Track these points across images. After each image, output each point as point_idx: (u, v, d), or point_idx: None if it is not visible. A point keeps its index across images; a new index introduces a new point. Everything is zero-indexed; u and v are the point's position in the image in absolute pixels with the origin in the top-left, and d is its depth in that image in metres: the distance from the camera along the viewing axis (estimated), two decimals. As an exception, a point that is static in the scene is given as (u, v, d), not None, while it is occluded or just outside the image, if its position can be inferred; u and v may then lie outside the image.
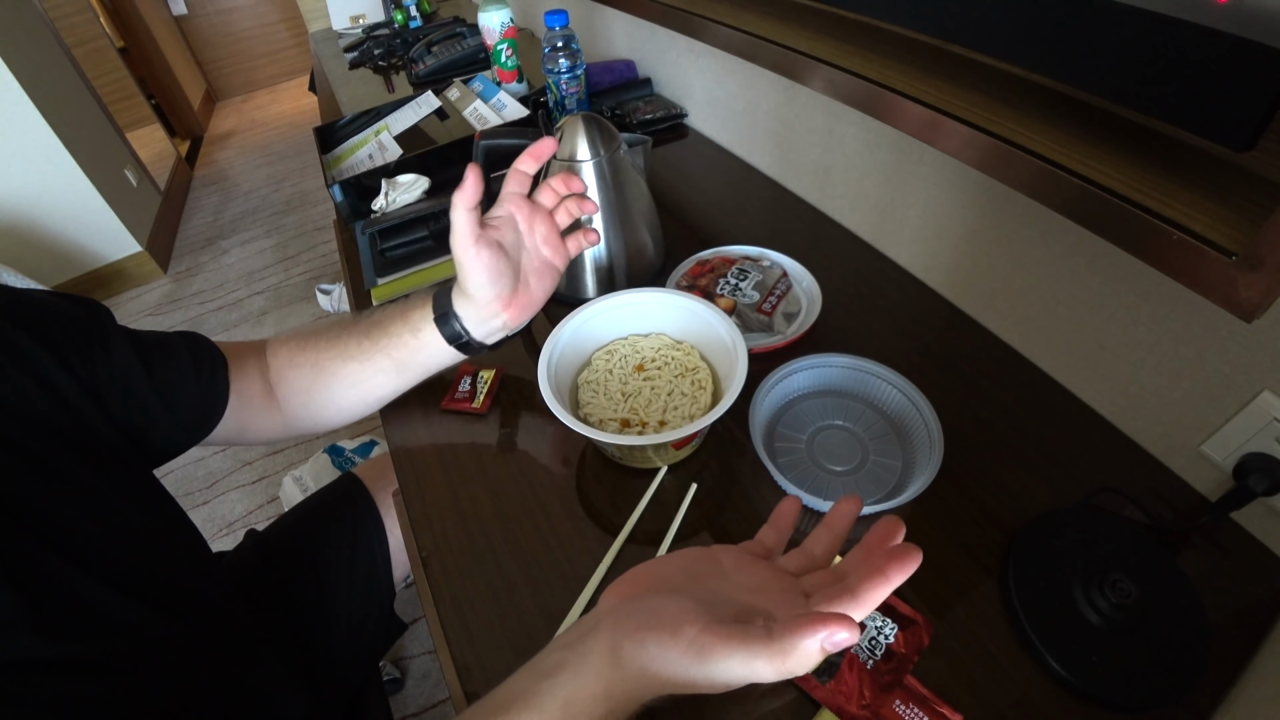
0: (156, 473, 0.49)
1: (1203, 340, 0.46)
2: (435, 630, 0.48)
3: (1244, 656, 0.41)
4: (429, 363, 0.55)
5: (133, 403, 0.45)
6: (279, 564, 0.66)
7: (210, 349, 0.52)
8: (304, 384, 0.55)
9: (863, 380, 0.57)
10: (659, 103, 1.09)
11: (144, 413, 0.46)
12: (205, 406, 0.50)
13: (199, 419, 0.51)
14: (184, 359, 0.49)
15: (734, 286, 0.66)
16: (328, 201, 2.17)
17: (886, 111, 0.52)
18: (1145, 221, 0.35)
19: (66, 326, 0.43)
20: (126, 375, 0.45)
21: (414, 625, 1.17)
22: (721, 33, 0.70)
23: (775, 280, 0.68)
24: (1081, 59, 0.36)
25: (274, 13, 3.99)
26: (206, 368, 0.50)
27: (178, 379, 0.48)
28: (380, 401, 0.58)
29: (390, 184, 0.90)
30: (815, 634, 0.25)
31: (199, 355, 0.51)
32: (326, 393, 0.55)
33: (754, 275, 0.67)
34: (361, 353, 0.54)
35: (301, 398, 0.55)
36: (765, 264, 0.70)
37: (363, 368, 0.54)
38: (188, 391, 0.49)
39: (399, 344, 0.53)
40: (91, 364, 0.43)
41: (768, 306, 0.65)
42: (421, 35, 1.54)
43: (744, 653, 0.26)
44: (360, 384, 0.55)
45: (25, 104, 1.91)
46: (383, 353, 0.53)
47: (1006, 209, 0.58)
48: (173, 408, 0.48)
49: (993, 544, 0.47)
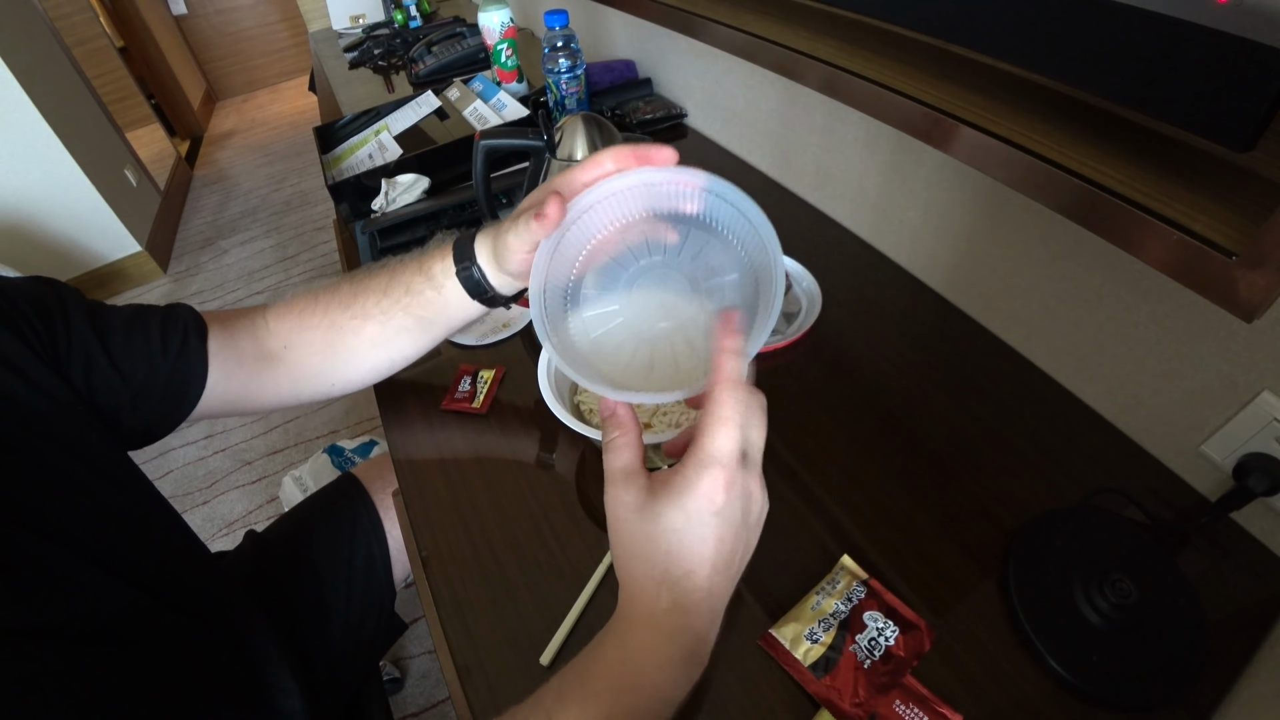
0: (156, 472, 0.49)
1: (1203, 340, 0.46)
2: (435, 630, 0.48)
3: (1244, 656, 0.41)
4: (454, 318, 0.51)
5: (95, 378, 0.44)
6: (278, 564, 0.66)
7: (185, 319, 0.49)
8: (319, 346, 0.52)
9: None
10: (659, 103, 1.09)
11: (109, 389, 0.44)
12: (179, 378, 0.47)
13: (173, 392, 0.48)
14: (151, 330, 0.47)
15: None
16: (328, 201, 2.18)
17: (886, 111, 0.52)
18: (1145, 221, 0.35)
19: (24, 306, 0.42)
20: (86, 351, 0.44)
21: (414, 625, 1.17)
22: (721, 33, 0.70)
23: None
24: (1082, 59, 0.36)
25: (274, 13, 3.99)
26: (176, 338, 0.47)
27: (141, 352, 0.46)
28: (406, 360, 0.55)
29: (390, 184, 0.90)
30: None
31: (169, 326, 0.48)
32: (347, 353, 0.52)
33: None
34: (380, 312, 0.50)
35: (317, 360, 0.52)
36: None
37: (383, 328, 0.51)
38: (155, 364, 0.46)
39: (421, 301, 0.50)
40: (53, 343, 0.42)
41: None
42: (421, 35, 1.54)
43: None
44: (383, 344, 0.52)
45: (25, 104, 1.91)
46: (403, 310, 0.50)
47: (1006, 209, 0.58)
48: (136, 381, 0.45)
49: (993, 544, 0.47)
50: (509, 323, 0.70)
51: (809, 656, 0.41)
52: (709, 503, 0.31)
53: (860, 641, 0.42)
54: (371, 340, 0.51)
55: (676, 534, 0.32)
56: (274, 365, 0.52)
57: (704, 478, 0.31)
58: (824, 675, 0.40)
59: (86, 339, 0.43)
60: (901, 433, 0.56)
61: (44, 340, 0.41)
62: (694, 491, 0.31)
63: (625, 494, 0.33)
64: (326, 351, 0.52)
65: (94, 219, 2.19)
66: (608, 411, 0.35)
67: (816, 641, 0.42)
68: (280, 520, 0.74)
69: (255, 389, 0.52)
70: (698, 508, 0.31)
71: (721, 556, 0.32)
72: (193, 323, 0.49)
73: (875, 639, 0.42)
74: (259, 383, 0.52)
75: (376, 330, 0.51)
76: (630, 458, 0.34)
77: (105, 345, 0.44)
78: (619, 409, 0.34)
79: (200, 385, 0.49)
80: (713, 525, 0.32)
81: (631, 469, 0.33)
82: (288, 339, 0.52)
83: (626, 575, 0.34)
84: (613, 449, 0.34)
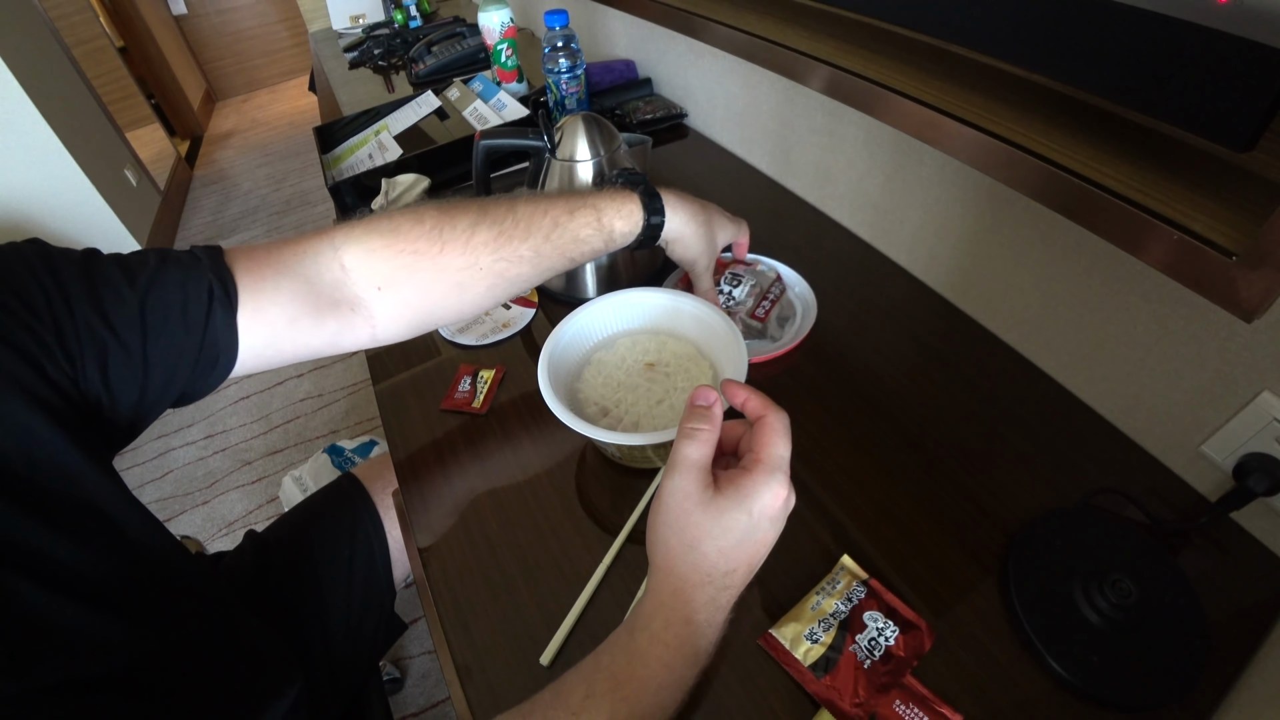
0: (156, 472, 0.49)
1: (1203, 340, 0.46)
2: (435, 630, 0.48)
3: (1244, 656, 0.41)
4: (587, 258, 0.53)
5: (112, 373, 0.37)
6: (278, 565, 0.66)
7: (210, 283, 0.40)
8: (445, 287, 0.47)
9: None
10: (659, 103, 1.09)
11: (126, 382, 0.38)
12: (209, 353, 0.40)
13: (204, 366, 0.41)
14: (171, 305, 0.39)
15: (727, 294, 0.66)
16: (328, 201, 2.17)
17: (886, 111, 0.52)
18: (1145, 222, 0.35)
19: (14, 305, 0.34)
20: (98, 343, 0.37)
21: (414, 625, 1.17)
22: (721, 33, 0.70)
23: (769, 285, 0.67)
24: (1081, 59, 0.36)
25: (274, 13, 3.99)
26: (199, 311, 0.39)
27: (159, 332, 0.38)
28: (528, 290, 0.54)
29: (390, 184, 0.90)
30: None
31: (191, 295, 0.39)
32: (474, 292, 0.48)
33: (748, 280, 0.67)
34: (541, 258, 0.49)
35: (431, 302, 0.47)
36: (759, 269, 0.70)
37: (536, 270, 0.49)
38: (178, 344, 0.39)
39: (587, 250, 0.51)
40: (60, 338, 0.35)
41: (760, 312, 0.65)
42: (421, 35, 1.54)
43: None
44: (517, 281, 0.50)
45: (25, 104, 1.91)
46: (564, 257, 0.50)
47: (1007, 209, 0.58)
48: (157, 368, 0.39)
49: (993, 544, 0.47)
50: (509, 323, 0.70)
51: (809, 656, 0.41)
52: (770, 509, 0.34)
53: (860, 641, 0.42)
54: (516, 279, 0.49)
55: (735, 534, 0.33)
56: (357, 311, 0.45)
57: (772, 484, 0.33)
58: (824, 675, 0.40)
59: (95, 328, 0.36)
60: (902, 433, 0.56)
61: (49, 349, 0.35)
62: (760, 496, 0.33)
63: (690, 484, 0.34)
64: (450, 293, 0.47)
65: (94, 219, 2.19)
66: (705, 401, 0.36)
67: (816, 641, 0.42)
68: (280, 520, 0.74)
69: (315, 340, 0.44)
70: (761, 511, 0.33)
71: (757, 559, 0.35)
72: (219, 290, 0.40)
73: (875, 639, 0.42)
74: (322, 332, 0.44)
75: (528, 271, 0.49)
76: (707, 452, 0.35)
77: (117, 333, 0.37)
78: (716, 407, 0.36)
79: (230, 361, 0.42)
80: (766, 530, 0.34)
81: (704, 463, 0.35)
82: (385, 279, 0.45)
83: (671, 564, 0.35)
84: (692, 438, 0.35)
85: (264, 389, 1.85)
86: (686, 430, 0.35)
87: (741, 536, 0.34)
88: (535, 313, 0.71)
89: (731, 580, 0.34)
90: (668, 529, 0.35)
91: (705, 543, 0.34)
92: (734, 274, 0.67)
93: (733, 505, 0.33)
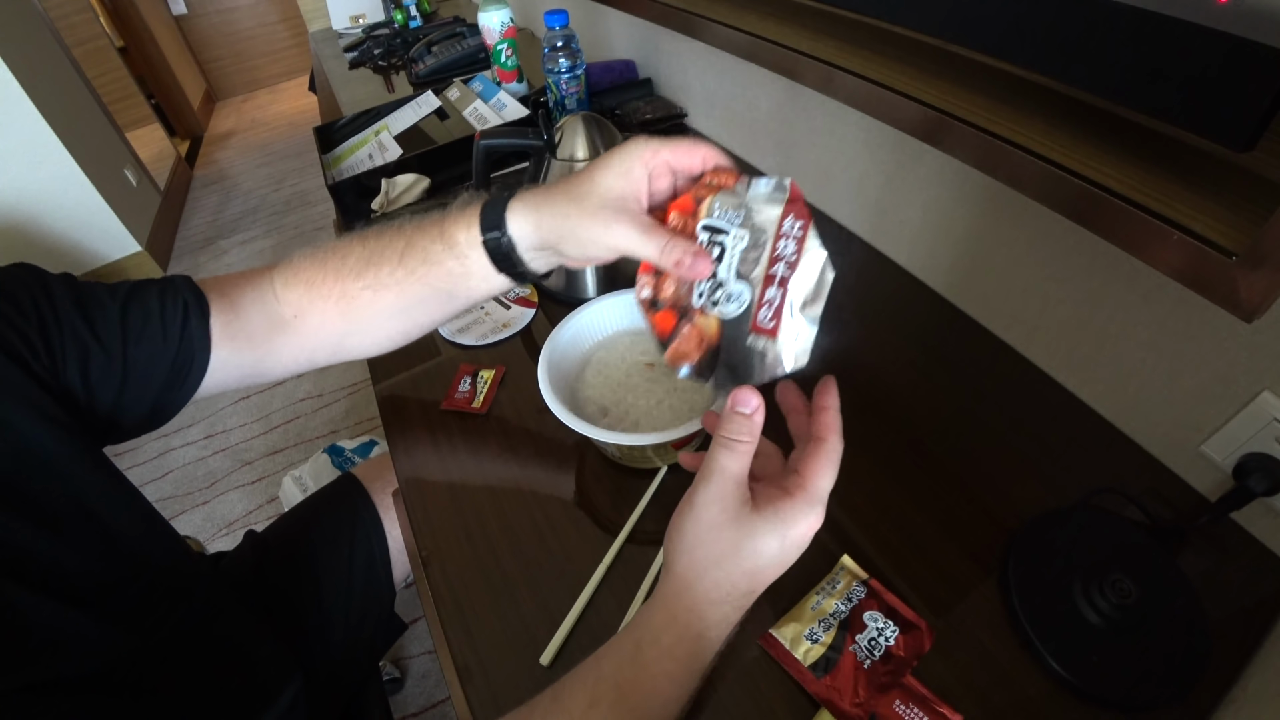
0: (156, 472, 0.49)
1: (1203, 340, 0.46)
2: (435, 630, 0.48)
3: (1244, 656, 0.41)
4: (477, 290, 0.46)
5: (93, 374, 0.41)
6: (278, 565, 0.66)
7: (185, 297, 0.45)
8: (332, 316, 0.48)
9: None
10: (659, 103, 1.09)
11: (107, 383, 0.42)
12: (182, 362, 0.44)
13: (176, 377, 0.44)
14: (150, 314, 0.43)
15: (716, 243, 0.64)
16: (328, 201, 2.17)
17: (886, 111, 0.52)
18: (1145, 222, 0.35)
19: (5, 307, 0.38)
20: (80, 345, 0.41)
21: (414, 625, 1.17)
22: (721, 33, 0.70)
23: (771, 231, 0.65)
24: (1082, 59, 0.36)
25: (274, 13, 3.99)
26: (176, 321, 0.44)
27: (138, 338, 0.43)
28: (425, 330, 0.51)
29: (390, 184, 0.90)
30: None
31: (168, 306, 0.44)
32: (362, 323, 0.48)
33: (732, 212, 0.65)
34: (396, 283, 0.45)
35: (331, 329, 0.48)
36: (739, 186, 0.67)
37: (399, 298, 0.46)
38: (155, 351, 0.43)
39: (440, 272, 0.44)
40: (45, 338, 0.39)
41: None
42: (421, 35, 1.54)
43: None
44: (399, 315, 0.48)
45: (25, 104, 1.91)
46: (420, 281, 0.45)
47: (1006, 209, 0.58)
48: (136, 372, 0.43)
49: (993, 544, 0.47)
50: (509, 323, 0.70)
51: (809, 656, 0.41)
52: (803, 539, 0.33)
53: (860, 641, 0.42)
54: (387, 311, 0.47)
55: (765, 557, 0.33)
56: (285, 333, 0.48)
57: (811, 516, 0.33)
58: (824, 675, 0.40)
59: (79, 331, 0.40)
60: (902, 432, 0.56)
61: (33, 346, 0.38)
62: (797, 525, 0.32)
63: (728, 498, 0.33)
64: (339, 321, 0.48)
65: (94, 219, 2.19)
66: (747, 408, 0.33)
67: (816, 641, 0.42)
68: (280, 520, 0.74)
69: (268, 360, 0.48)
70: (794, 540, 0.33)
71: (773, 580, 0.34)
72: (194, 302, 0.45)
73: (875, 639, 0.42)
74: (271, 352, 0.48)
75: (393, 300, 0.46)
76: (745, 465, 0.33)
77: (98, 336, 0.41)
78: (757, 415, 0.33)
79: (203, 368, 0.45)
80: (792, 556, 0.34)
81: (741, 476, 0.33)
82: (298, 307, 0.48)
83: (692, 578, 0.34)
84: (732, 450, 0.33)
85: (264, 389, 1.85)
86: (725, 441, 0.33)
87: (770, 560, 0.33)
88: (535, 313, 0.71)
89: (749, 600, 0.34)
90: (695, 539, 0.33)
91: (732, 561, 0.33)
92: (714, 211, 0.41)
93: (769, 529, 0.32)
